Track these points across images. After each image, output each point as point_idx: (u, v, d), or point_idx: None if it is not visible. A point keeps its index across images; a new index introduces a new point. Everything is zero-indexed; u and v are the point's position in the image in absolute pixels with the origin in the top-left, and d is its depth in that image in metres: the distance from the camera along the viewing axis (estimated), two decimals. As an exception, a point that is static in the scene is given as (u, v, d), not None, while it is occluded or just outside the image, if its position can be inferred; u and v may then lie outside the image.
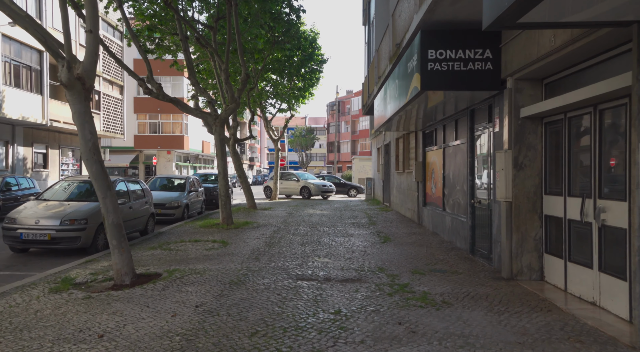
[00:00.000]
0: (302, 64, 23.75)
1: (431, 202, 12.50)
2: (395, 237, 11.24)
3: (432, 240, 10.79)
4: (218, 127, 13.63)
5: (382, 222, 14.48)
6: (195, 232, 12.05)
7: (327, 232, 12.13)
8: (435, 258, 8.65)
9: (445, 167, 11.00)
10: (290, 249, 9.63)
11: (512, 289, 6.29)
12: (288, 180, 28.19)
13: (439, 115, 10.59)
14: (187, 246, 9.97)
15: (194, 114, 13.50)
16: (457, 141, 9.93)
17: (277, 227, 13.24)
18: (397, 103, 9.33)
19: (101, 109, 27.01)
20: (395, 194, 18.47)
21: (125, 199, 10.96)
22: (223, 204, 13.46)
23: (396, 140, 17.94)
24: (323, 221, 14.78)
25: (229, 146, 18.94)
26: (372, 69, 15.31)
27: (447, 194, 10.83)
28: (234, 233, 11.90)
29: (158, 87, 12.92)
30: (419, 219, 13.65)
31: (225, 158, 13.66)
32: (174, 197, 15.32)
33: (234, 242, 10.40)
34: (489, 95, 7.70)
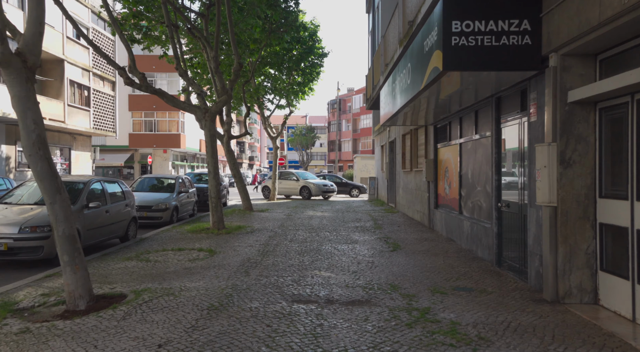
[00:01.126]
0: (301, 57, 22.51)
1: (444, 205, 11.23)
2: (405, 244, 9.97)
3: (447, 248, 9.51)
4: (208, 121, 12.37)
5: (388, 226, 13.21)
6: (182, 239, 10.78)
7: (328, 238, 10.86)
8: (455, 271, 7.37)
9: (462, 165, 9.73)
10: (287, 259, 8.36)
11: (562, 317, 5.02)
12: (287, 179, 26.92)
13: (454, 106, 9.33)
14: (168, 255, 8.71)
15: (182, 107, 12.25)
16: (478, 135, 8.66)
17: (273, 232, 11.98)
18: (409, 91, 8.06)
19: (91, 105, 25.75)
20: (401, 194, 17.21)
21: (101, 202, 9.70)
22: (214, 207, 12.19)
23: (402, 136, 16.67)
24: (324, 225, 13.52)
25: (222, 143, 17.69)
26: (377, 59, 14.04)
27: (465, 195, 9.56)
28: (224, 239, 10.63)
29: (141, 78, 11.69)
30: (430, 223, 12.38)
31: (216, 156, 12.41)
32: (161, 199, 14.06)
33: (223, 251, 9.14)
34: (521, 79, 6.42)
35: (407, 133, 15.96)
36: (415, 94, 7.51)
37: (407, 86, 8.33)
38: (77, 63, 24.24)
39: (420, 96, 7.63)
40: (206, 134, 12.40)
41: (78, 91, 24.80)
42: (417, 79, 7.37)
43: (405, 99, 8.49)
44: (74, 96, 24.31)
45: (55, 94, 23.20)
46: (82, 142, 26.65)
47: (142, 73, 11.80)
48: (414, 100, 8.00)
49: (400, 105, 9.02)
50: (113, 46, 28.22)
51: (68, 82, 23.60)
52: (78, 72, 24.62)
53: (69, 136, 25.18)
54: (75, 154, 25.88)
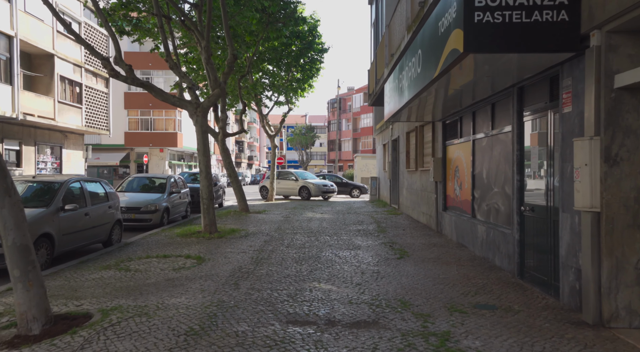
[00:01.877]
0: (300, 53, 21.70)
1: (454, 207, 10.37)
2: (412, 251, 9.12)
3: (459, 255, 8.66)
4: (200, 117, 11.51)
5: (392, 229, 12.36)
6: (169, 243, 9.93)
7: (328, 244, 10.01)
8: (472, 283, 6.53)
9: (476, 163, 8.88)
10: (282, 268, 7.51)
11: (612, 346, 4.17)
12: (286, 179, 26.06)
13: (466, 100, 8.48)
14: (151, 263, 7.85)
15: (172, 102, 11.39)
16: (495, 130, 7.81)
17: (269, 236, 11.12)
18: (419, 81, 7.21)
19: (83, 102, 24.89)
20: (405, 195, 16.35)
21: (80, 204, 8.85)
22: (205, 209, 11.34)
23: (407, 134, 15.82)
24: (324, 228, 12.66)
25: (217, 141, 16.84)
26: (380, 51, 13.19)
27: (479, 197, 8.70)
28: (215, 244, 9.78)
29: (128, 70, 10.86)
30: (438, 226, 11.53)
31: (208, 153, 11.56)
32: (151, 200, 13.20)
33: (212, 258, 8.28)
34: (551, 64, 5.58)
35: (411, 130, 15.11)
36: (427, 84, 6.65)
37: (416, 76, 7.48)
38: (68, 58, 23.37)
39: (432, 86, 6.77)
40: (198, 130, 11.55)
41: (69, 87, 23.94)
42: (429, 66, 6.52)
43: (415, 90, 7.63)
44: (64, 93, 23.45)
45: (45, 90, 22.33)
46: (74, 140, 25.79)
47: (129, 65, 10.96)
48: (425, 90, 7.14)
49: (409, 98, 8.17)
50: (106, 42, 27.35)
51: (58, 78, 22.73)
52: (69, 67, 23.76)
53: (60, 134, 24.33)
54: (66, 152, 25.01)
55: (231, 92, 19.56)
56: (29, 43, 20.40)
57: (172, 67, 11.80)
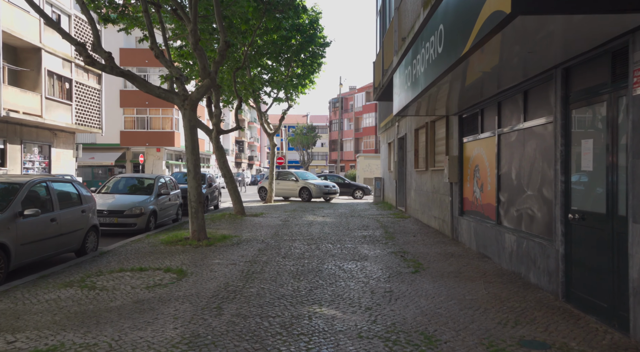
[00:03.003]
0: (301, 47, 20.54)
1: (474, 212, 9.18)
2: (428, 262, 7.92)
3: (483, 268, 7.47)
4: (188, 110, 10.34)
5: (401, 235, 11.16)
6: (151, 253, 8.75)
7: (331, 253, 8.82)
8: (508, 308, 5.33)
9: (502, 162, 7.68)
10: (277, 286, 6.32)
11: None
12: (285, 180, 24.87)
13: (489, 88, 7.29)
14: (123, 279, 6.67)
15: (157, 93, 10.22)
16: (528, 123, 6.62)
17: (265, 243, 9.93)
18: (441, 62, 6.02)
19: (73, 99, 23.74)
20: (413, 197, 15.16)
21: (45, 208, 7.68)
22: (193, 213, 10.16)
23: (415, 131, 14.63)
24: (325, 234, 11.47)
25: (211, 138, 15.67)
26: (388, 39, 12.00)
27: (506, 201, 7.50)
28: (202, 254, 8.59)
29: (107, 57, 9.70)
30: (453, 233, 10.33)
31: (197, 151, 10.38)
32: (136, 203, 12.01)
33: (196, 272, 7.10)
34: (616, 33, 4.38)
35: (421, 127, 13.92)
36: (453, 64, 5.45)
37: (436, 58, 6.29)
38: (56, 52, 22.22)
39: (458, 67, 5.57)
40: (185, 125, 10.38)
41: (58, 83, 22.79)
42: (455, 42, 5.33)
43: (434, 75, 6.44)
44: (53, 88, 22.30)
45: (32, 86, 21.19)
46: (64, 139, 24.64)
47: (108, 52, 9.81)
48: (448, 74, 5.94)
49: (425, 85, 6.97)
50: (99, 36, 26.16)
51: (46, 73, 21.59)
52: (58, 62, 22.61)
53: (49, 132, 23.18)
54: (56, 151, 23.86)
55: (227, 88, 18.38)
56: (14, 35, 19.25)
57: (158, 56, 10.61)
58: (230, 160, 68.37)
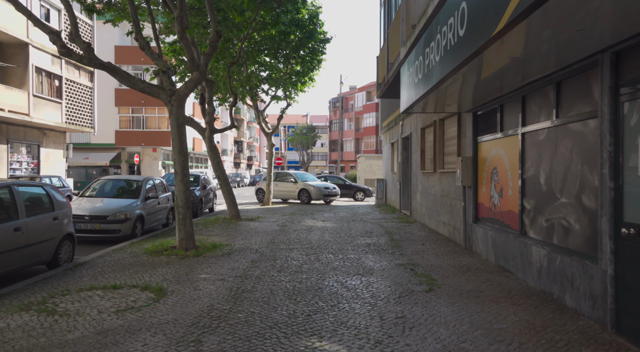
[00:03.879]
0: (300, 43, 19.66)
1: (491, 219, 8.25)
2: (442, 277, 7.00)
3: (506, 285, 6.54)
4: (175, 106, 9.42)
5: (409, 243, 10.24)
6: (131, 265, 7.82)
7: (332, 265, 7.89)
8: (547, 341, 4.41)
9: (526, 164, 6.76)
10: (269, 309, 5.39)
11: None
12: (284, 181, 23.94)
13: (510, 81, 6.38)
14: (91, 300, 5.74)
15: (140, 87, 9.30)
16: (563, 119, 5.70)
17: (259, 253, 9.00)
18: (464, 46, 5.10)
19: (63, 97, 22.81)
20: (419, 200, 14.23)
21: (8, 216, 6.77)
22: (181, 219, 9.23)
23: (421, 130, 13.71)
24: (326, 241, 10.54)
25: (204, 137, 14.75)
26: (394, 29, 11.09)
27: (532, 208, 6.58)
28: (188, 267, 7.67)
29: (86, 48, 8.80)
30: (466, 241, 9.41)
31: (185, 152, 9.46)
32: (120, 207, 11.08)
33: (178, 291, 6.17)
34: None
35: (428, 126, 13.00)
36: (482, 46, 4.54)
37: (456, 42, 5.38)
38: (45, 48, 21.28)
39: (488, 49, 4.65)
40: (172, 122, 9.46)
41: (47, 80, 21.86)
42: (484, 19, 4.41)
43: (454, 62, 5.52)
44: (41, 85, 21.36)
45: (19, 83, 20.26)
46: (54, 138, 23.71)
47: (87, 43, 8.89)
48: (473, 60, 5.02)
49: (442, 76, 6.05)
50: (91, 32, 25.28)
51: (33, 69, 20.65)
52: (47, 58, 21.69)
53: (38, 131, 22.26)
54: (45, 151, 22.93)
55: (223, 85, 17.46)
56: (-1, 30, 18.38)
57: (143, 47, 9.70)
58: (228, 161, 67.42)
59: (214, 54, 9.87)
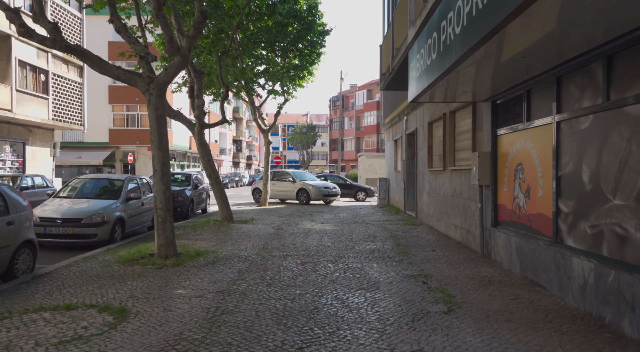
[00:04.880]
0: (299, 35, 18.62)
1: (515, 223, 7.16)
2: (460, 293, 5.90)
3: (540, 304, 5.45)
4: (154, 96, 8.33)
5: (417, 249, 9.14)
6: (98, 277, 6.73)
7: (331, 277, 6.80)
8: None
9: (563, 158, 5.67)
10: (251, 340, 4.30)
11: None
12: (282, 181, 22.85)
13: (545, 59, 5.29)
14: (34, 326, 4.65)
15: (114, 74, 8.21)
16: (612, 102, 4.60)
17: (248, 261, 7.91)
18: (498, 5, 4.01)
19: (50, 92, 21.72)
20: (426, 201, 13.14)
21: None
22: (160, 223, 8.14)
23: (429, 125, 12.62)
24: (325, 247, 9.45)
25: (194, 134, 13.66)
26: (401, 11, 10.01)
27: (572, 211, 5.48)
28: (163, 280, 6.57)
29: (52, 29, 7.73)
30: (484, 248, 8.31)
31: (165, 146, 8.37)
32: (97, 209, 9.99)
33: (143, 312, 5.08)
34: None
35: (436, 119, 11.91)
36: (520, 5, 3.45)
37: (486, 3, 4.29)
38: (29, 41, 20.14)
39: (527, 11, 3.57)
40: (151, 114, 8.37)
41: (32, 75, 20.77)
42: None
43: (480, 31, 4.44)
44: (25, 80, 20.27)
45: (0, 77, 19.17)
46: (41, 136, 22.64)
47: (54, 23, 7.81)
48: (509, 24, 3.94)
49: (465, 50, 4.96)
50: (80, 25, 24.20)
51: (17, 63, 19.56)
52: (32, 52, 20.60)
53: (23, 129, 21.17)
54: (31, 150, 21.86)
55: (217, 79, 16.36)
56: (-23, 20, 17.31)
57: (119, 30, 8.59)
58: (227, 160, 66.33)
59: (198, 37, 8.78)
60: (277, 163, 36.26)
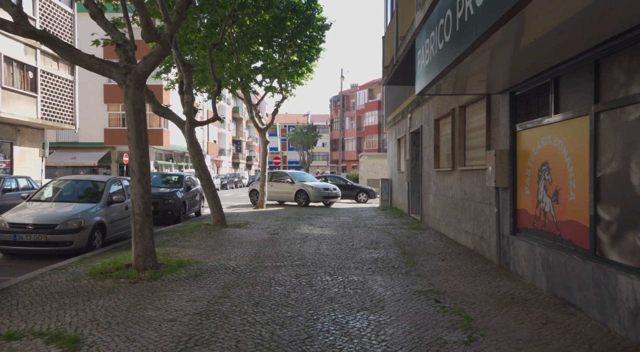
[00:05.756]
0: (297, 30, 17.75)
1: (538, 231, 6.26)
2: (480, 315, 5.00)
3: (576, 328, 4.55)
4: (132, 88, 7.46)
5: (424, 258, 8.25)
6: (61, 293, 5.84)
7: (329, 294, 5.90)
8: None
9: (603, 155, 4.77)
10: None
11: None
12: (280, 182, 21.97)
13: (579, 40, 4.40)
14: (-41, 363, 3.78)
15: (87, 64, 7.33)
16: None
17: (236, 274, 7.02)
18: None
19: (39, 90, 20.87)
20: (432, 204, 12.25)
21: None
22: (138, 230, 7.25)
23: (435, 122, 11.73)
24: (323, 255, 8.56)
25: (183, 132, 12.78)
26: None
27: (615, 219, 4.59)
28: (134, 298, 5.68)
29: (16, 12, 6.89)
30: (501, 257, 7.41)
31: (144, 144, 7.49)
32: (74, 213, 9.11)
33: (99, 344, 4.19)
34: None
35: (443, 116, 11.02)
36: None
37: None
38: (16, 36, 19.33)
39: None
40: (128, 107, 7.50)
41: (19, 72, 19.91)
42: None
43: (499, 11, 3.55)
44: (12, 77, 19.41)
45: (-15, 74, 18.34)
46: (30, 135, 21.79)
47: (17, 6, 6.96)
48: None
49: (491, 24, 4.08)
50: (71, 21, 23.36)
51: (2, 59, 18.71)
52: (18, 48, 19.74)
53: (11, 128, 20.31)
54: (19, 150, 21.00)
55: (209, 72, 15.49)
56: (-42, 13, 16.45)
57: (95, 15, 7.72)
58: (227, 161, 65.49)
59: (181, 23, 7.89)
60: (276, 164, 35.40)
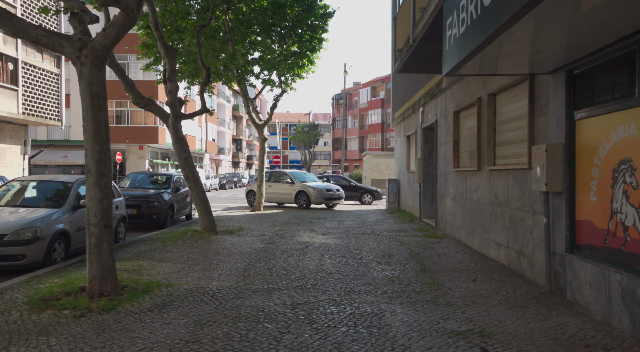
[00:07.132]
0: (298, 19, 16.27)
1: (613, 250, 4.73)
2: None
3: None
4: (87, 66, 5.96)
5: (451, 278, 6.72)
6: (-25, 335, 4.34)
7: (334, 336, 4.37)
8: None
9: None
10: None
11: None
12: (279, 182, 20.45)
13: None
14: None
15: (32, 36, 5.84)
16: None
17: (216, 302, 5.50)
18: None
19: (19, 83, 19.39)
20: (450, 208, 10.73)
21: None
22: (94, 245, 5.73)
23: (454, 115, 10.21)
24: (326, 273, 7.03)
25: (168, 125, 11.27)
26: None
27: None
28: (68, 346, 4.17)
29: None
30: (551, 280, 5.88)
31: (102, 137, 6.00)
32: (28, 221, 7.61)
33: None
34: None
35: (465, 107, 9.51)
36: None
37: None
38: (-7, 24, 17.86)
39: None
40: (83, 91, 6.00)
41: (-3, 63, 18.45)
42: None
43: None
44: (-12, 69, 17.96)
45: (-42, 64, 16.89)
46: (11, 132, 20.33)
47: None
48: None
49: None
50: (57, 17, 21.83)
51: (-23, 49, 17.28)
52: (-4, 37, 18.29)
53: (-11, 124, 18.88)
54: (0, 147, 19.55)
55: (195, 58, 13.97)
56: None
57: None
58: (226, 160, 63.96)
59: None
60: (276, 163, 33.90)
